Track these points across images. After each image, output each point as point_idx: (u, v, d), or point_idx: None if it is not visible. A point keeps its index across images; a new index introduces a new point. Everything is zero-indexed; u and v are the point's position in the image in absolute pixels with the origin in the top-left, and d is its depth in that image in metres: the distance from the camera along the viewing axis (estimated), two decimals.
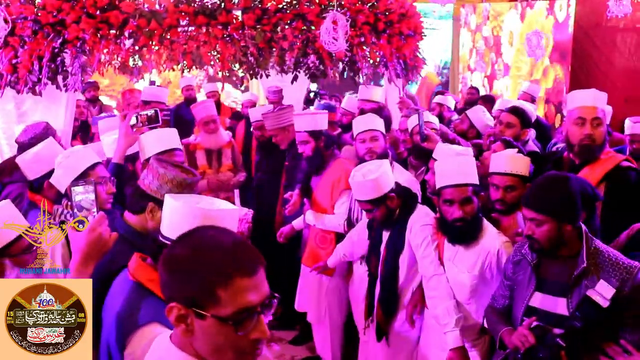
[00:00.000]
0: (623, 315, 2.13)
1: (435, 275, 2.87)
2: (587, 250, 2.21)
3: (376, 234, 3.17)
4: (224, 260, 1.23)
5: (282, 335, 4.62)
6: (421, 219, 2.99)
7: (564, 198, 2.22)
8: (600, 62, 7.62)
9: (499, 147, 3.21)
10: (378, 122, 3.63)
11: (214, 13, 3.53)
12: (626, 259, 2.20)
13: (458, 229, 2.69)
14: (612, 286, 2.12)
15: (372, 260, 3.22)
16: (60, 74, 3.62)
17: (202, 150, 4.68)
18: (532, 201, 2.24)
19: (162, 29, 3.51)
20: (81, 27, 3.42)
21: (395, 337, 3.15)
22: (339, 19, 2.91)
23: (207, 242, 1.27)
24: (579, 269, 2.19)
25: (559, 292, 2.24)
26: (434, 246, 2.91)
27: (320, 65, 3.85)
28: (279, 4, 3.62)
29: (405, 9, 4.25)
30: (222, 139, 4.74)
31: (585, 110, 2.88)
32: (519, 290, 2.39)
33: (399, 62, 4.36)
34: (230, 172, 4.73)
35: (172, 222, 1.71)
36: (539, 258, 2.32)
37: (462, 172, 2.69)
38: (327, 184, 3.74)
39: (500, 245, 2.67)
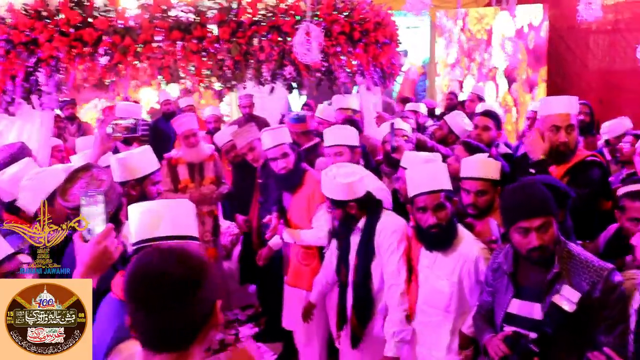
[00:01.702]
0: (597, 318, 2.15)
1: (393, 285, 2.90)
2: (559, 254, 2.23)
3: (344, 243, 3.17)
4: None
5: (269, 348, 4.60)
6: (389, 226, 3.00)
7: (548, 194, 2.24)
8: (575, 64, 7.75)
9: (460, 151, 3.23)
10: (345, 135, 3.62)
11: (189, 28, 3.52)
12: (597, 260, 2.22)
13: (434, 235, 2.69)
14: (583, 289, 2.14)
15: (342, 269, 3.20)
16: (34, 93, 3.58)
17: (184, 165, 4.64)
18: (537, 208, 2.19)
19: (137, 45, 3.49)
20: (54, 46, 3.40)
21: (371, 342, 3.14)
22: (312, 30, 2.92)
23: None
24: (551, 273, 2.20)
25: (535, 298, 2.25)
26: (400, 254, 2.92)
27: (297, 76, 3.85)
28: (254, 17, 3.62)
29: (380, 17, 4.29)
30: (204, 152, 4.70)
31: (559, 117, 2.95)
32: (498, 297, 2.41)
33: (375, 70, 4.39)
34: (212, 185, 4.69)
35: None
36: (515, 266, 2.33)
37: (433, 179, 2.70)
38: (302, 200, 3.70)
39: (477, 251, 2.68)
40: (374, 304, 3.12)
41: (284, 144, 3.66)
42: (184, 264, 1.29)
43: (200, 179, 4.66)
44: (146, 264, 1.30)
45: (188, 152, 4.62)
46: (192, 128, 4.59)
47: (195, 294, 1.27)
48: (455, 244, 2.72)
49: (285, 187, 3.78)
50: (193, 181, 4.63)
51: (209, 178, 4.68)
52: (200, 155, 4.66)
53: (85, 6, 3.43)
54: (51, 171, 2.54)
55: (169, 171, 4.63)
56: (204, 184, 4.66)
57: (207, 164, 4.69)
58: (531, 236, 2.17)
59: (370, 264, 3.06)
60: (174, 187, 4.60)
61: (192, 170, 4.65)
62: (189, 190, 4.58)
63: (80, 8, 3.42)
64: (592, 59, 7.59)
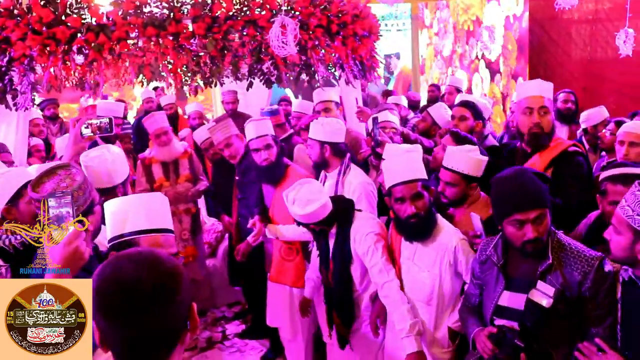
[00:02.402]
0: (587, 309, 2.15)
1: (386, 283, 2.86)
2: (551, 245, 2.22)
3: (322, 245, 3.16)
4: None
5: (256, 345, 4.60)
6: (362, 228, 2.98)
7: (541, 185, 2.23)
8: (557, 54, 7.78)
9: (447, 140, 3.24)
10: (317, 130, 3.58)
11: (164, 24, 3.49)
12: (587, 250, 2.21)
13: (413, 226, 2.69)
14: (575, 279, 2.15)
15: (323, 270, 3.21)
16: (9, 93, 3.54)
17: (157, 164, 4.62)
18: (533, 200, 2.17)
19: (111, 42, 3.45)
20: (27, 45, 3.35)
21: (359, 341, 3.14)
22: (287, 23, 2.90)
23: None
24: (544, 264, 2.19)
25: (525, 289, 2.24)
26: (380, 253, 2.90)
27: (275, 70, 3.83)
28: (229, 11, 3.59)
29: (358, 10, 4.27)
30: (177, 150, 4.67)
31: (532, 100, 2.96)
32: (487, 289, 2.40)
33: (355, 63, 4.38)
34: (188, 183, 4.67)
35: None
36: (504, 257, 2.32)
37: (409, 169, 2.70)
38: None
39: (456, 242, 2.68)
40: (356, 304, 3.13)
41: (267, 136, 3.66)
42: (156, 268, 1.23)
43: (175, 177, 4.64)
44: (116, 272, 1.22)
45: (160, 151, 4.60)
46: (163, 126, 4.56)
47: (173, 299, 1.22)
48: (434, 234, 2.72)
49: (267, 179, 3.77)
50: (168, 180, 4.61)
51: (184, 176, 4.66)
52: (173, 153, 4.64)
53: (57, 4, 3.38)
54: (15, 172, 2.51)
55: (144, 171, 4.61)
56: (179, 182, 4.65)
57: (182, 161, 4.67)
58: (526, 228, 2.16)
59: (349, 268, 3.06)
60: (150, 186, 4.58)
61: (166, 168, 4.63)
62: (164, 189, 4.55)
63: (52, 6, 3.38)
64: (575, 49, 7.63)
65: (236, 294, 5.26)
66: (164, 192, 4.50)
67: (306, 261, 3.74)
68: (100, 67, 3.52)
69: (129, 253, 1.28)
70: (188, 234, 4.72)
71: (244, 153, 4.11)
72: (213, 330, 4.89)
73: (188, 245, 4.73)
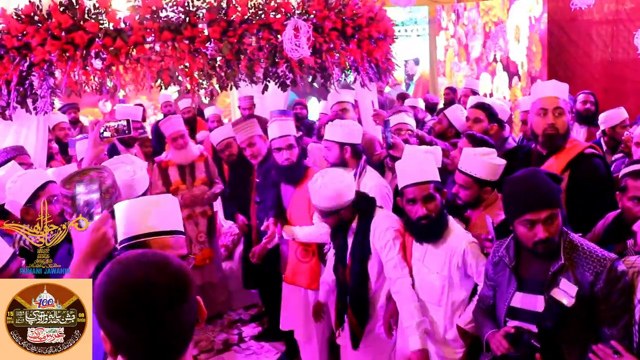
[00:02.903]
0: (600, 309, 2.13)
1: (399, 279, 2.86)
2: (563, 245, 2.20)
3: (340, 242, 3.16)
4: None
5: (271, 348, 4.61)
6: (383, 223, 2.98)
7: (553, 185, 2.22)
8: (578, 55, 7.69)
9: (464, 143, 3.22)
10: (335, 132, 3.59)
11: (179, 28, 3.52)
12: (600, 250, 2.19)
13: (424, 227, 2.69)
14: (587, 280, 2.12)
15: (339, 268, 3.20)
16: (29, 97, 3.60)
17: (174, 167, 4.68)
18: (544, 200, 2.16)
19: (128, 47, 3.50)
20: (47, 50, 3.41)
21: (372, 341, 3.13)
22: (300, 25, 2.91)
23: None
24: (557, 265, 2.18)
25: (538, 290, 2.23)
26: (397, 249, 2.90)
27: (290, 73, 3.84)
28: (244, 15, 3.62)
29: (373, 12, 4.27)
30: (193, 153, 4.73)
31: (547, 100, 2.93)
32: (500, 291, 2.38)
33: (370, 66, 4.37)
34: (204, 186, 4.72)
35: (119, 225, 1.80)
36: (517, 258, 2.31)
37: (421, 170, 2.70)
38: (303, 195, 3.69)
39: (465, 245, 2.67)
40: (372, 303, 3.11)
41: (290, 136, 3.69)
42: (165, 269, 1.22)
43: (192, 180, 4.69)
44: (124, 276, 1.20)
45: (177, 154, 4.65)
46: (180, 130, 4.62)
47: (186, 300, 1.21)
48: (445, 236, 2.71)
49: (288, 179, 3.80)
50: (184, 183, 4.66)
51: (200, 179, 4.71)
52: (190, 156, 4.69)
53: (76, 9, 3.44)
54: (32, 174, 2.56)
55: (160, 174, 4.66)
56: (195, 185, 4.70)
57: (198, 164, 4.73)
58: (537, 228, 2.15)
59: (366, 264, 3.05)
60: (166, 189, 4.63)
61: (182, 171, 4.68)
62: (181, 192, 4.60)
63: (70, 11, 3.43)
64: (595, 50, 7.54)
65: (253, 296, 5.28)
66: (180, 195, 4.57)
67: (322, 263, 3.74)
68: (117, 72, 3.56)
69: (135, 255, 1.26)
70: (204, 236, 4.76)
71: (266, 155, 4.14)
72: (229, 332, 4.92)
73: (205, 248, 4.78)
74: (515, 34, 8.06)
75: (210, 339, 4.79)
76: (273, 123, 3.75)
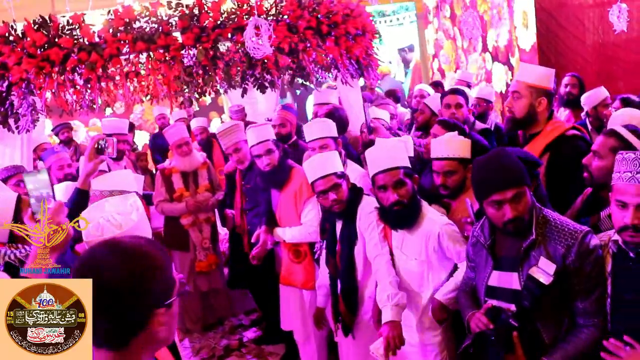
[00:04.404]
0: (573, 283, 2.12)
1: (378, 255, 2.88)
2: (536, 221, 2.20)
3: (329, 234, 3.18)
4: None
5: (272, 349, 4.61)
6: (368, 207, 3.02)
7: (519, 164, 2.22)
8: (568, 39, 7.64)
9: (438, 130, 3.21)
10: (328, 127, 3.65)
11: (153, 37, 3.56)
12: (573, 224, 2.18)
13: (397, 213, 2.69)
14: (559, 253, 2.12)
15: (330, 260, 3.21)
16: (10, 117, 3.65)
17: (177, 174, 4.72)
18: (508, 179, 2.15)
19: (104, 60, 3.53)
20: (24, 68, 3.46)
21: (362, 330, 3.13)
22: (261, 24, 2.93)
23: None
24: (528, 240, 2.17)
25: (512, 267, 2.23)
26: (379, 230, 2.92)
27: (268, 75, 3.86)
28: (217, 20, 3.64)
29: (350, 9, 4.28)
30: (197, 160, 4.77)
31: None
32: (479, 271, 2.39)
33: (351, 62, 4.37)
34: (208, 193, 4.76)
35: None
36: (492, 238, 2.31)
37: (390, 157, 2.71)
38: (290, 196, 3.73)
39: (440, 227, 2.66)
40: (360, 290, 3.12)
41: (268, 141, 3.70)
42: (122, 256, 1.28)
43: (195, 187, 4.73)
44: (87, 258, 1.31)
45: (181, 161, 4.69)
46: (184, 137, 4.67)
47: (132, 291, 1.26)
48: (419, 221, 2.71)
49: (272, 183, 3.80)
50: (188, 189, 4.70)
51: (204, 185, 4.75)
52: (194, 163, 4.73)
53: (50, 26, 3.48)
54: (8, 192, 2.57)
55: (164, 181, 4.70)
56: (198, 191, 4.73)
57: (201, 171, 4.77)
58: (505, 208, 2.14)
59: (353, 249, 3.07)
60: (169, 196, 4.66)
61: (186, 178, 4.72)
62: (185, 198, 4.64)
63: (44, 29, 3.48)
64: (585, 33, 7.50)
65: (253, 301, 5.28)
66: (184, 202, 4.60)
67: (315, 263, 3.74)
68: (94, 86, 3.59)
69: (108, 240, 1.35)
70: (209, 242, 4.79)
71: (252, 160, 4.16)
72: (230, 338, 4.92)
73: (210, 254, 4.81)
74: (523, 20, 7.91)
75: (212, 346, 4.79)
76: (250, 130, 3.75)
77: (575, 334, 2.14)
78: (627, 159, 1.97)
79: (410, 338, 2.81)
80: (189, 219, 4.72)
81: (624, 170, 1.98)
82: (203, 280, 4.91)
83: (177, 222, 4.73)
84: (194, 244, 4.78)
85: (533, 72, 2.99)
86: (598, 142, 2.53)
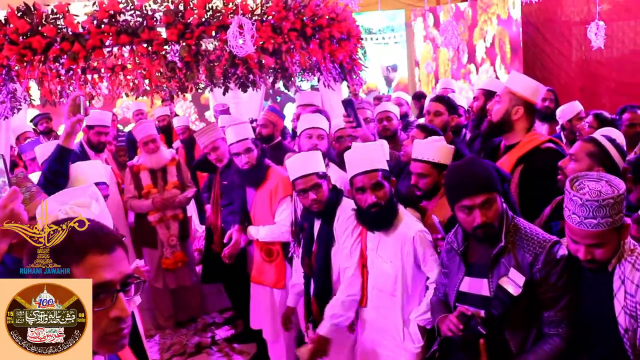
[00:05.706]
0: (540, 291, 2.16)
1: (347, 268, 2.92)
2: (507, 228, 2.24)
3: (307, 233, 3.20)
4: (78, 238, 1.32)
5: (243, 348, 4.61)
6: (346, 211, 3.03)
7: (490, 171, 2.26)
8: (553, 54, 7.76)
9: (416, 134, 3.26)
10: (324, 122, 3.73)
11: (137, 31, 3.57)
12: (542, 233, 2.23)
13: (374, 215, 2.72)
14: (526, 261, 2.15)
15: (306, 260, 3.23)
16: None
17: (145, 171, 4.71)
18: (479, 185, 2.19)
19: (86, 51, 3.54)
20: (4, 55, 3.46)
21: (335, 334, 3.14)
22: (244, 23, 2.96)
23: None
24: (497, 247, 2.21)
25: (482, 274, 2.26)
26: (354, 239, 2.94)
27: (250, 74, 3.88)
28: (201, 17, 3.66)
29: (335, 13, 4.32)
30: (164, 157, 4.76)
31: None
32: (451, 277, 2.42)
33: (334, 66, 4.41)
34: (176, 190, 4.74)
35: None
36: (465, 244, 2.35)
37: (368, 159, 2.74)
38: (265, 195, 3.74)
39: (414, 232, 2.69)
40: (334, 291, 3.12)
41: (247, 139, 3.72)
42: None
43: (163, 184, 4.72)
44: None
45: (148, 158, 4.69)
46: (151, 134, 4.65)
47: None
48: (395, 224, 2.75)
49: (249, 182, 3.82)
50: (156, 186, 4.68)
51: (172, 182, 4.74)
52: (161, 160, 4.72)
53: (33, 15, 3.49)
54: None
55: (132, 178, 4.69)
56: (167, 188, 4.72)
57: (170, 168, 4.75)
58: (475, 214, 2.18)
59: (330, 250, 3.09)
60: (138, 193, 4.65)
61: (154, 175, 4.71)
62: (152, 195, 4.63)
63: (28, 17, 3.48)
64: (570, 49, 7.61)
65: (227, 299, 5.28)
66: (151, 199, 4.59)
67: (287, 263, 3.76)
68: (78, 76, 3.60)
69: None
70: (176, 240, 4.78)
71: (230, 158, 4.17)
72: (202, 335, 4.91)
73: (176, 251, 4.79)
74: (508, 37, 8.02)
75: (183, 343, 4.78)
76: (229, 128, 3.76)
77: (539, 345, 2.17)
78: (575, 201, 1.94)
79: (383, 339, 2.85)
80: (156, 216, 4.70)
81: (572, 212, 1.96)
82: (170, 277, 4.91)
83: (145, 219, 4.72)
84: (161, 241, 4.77)
85: (520, 81, 3.04)
86: (576, 147, 2.58)
